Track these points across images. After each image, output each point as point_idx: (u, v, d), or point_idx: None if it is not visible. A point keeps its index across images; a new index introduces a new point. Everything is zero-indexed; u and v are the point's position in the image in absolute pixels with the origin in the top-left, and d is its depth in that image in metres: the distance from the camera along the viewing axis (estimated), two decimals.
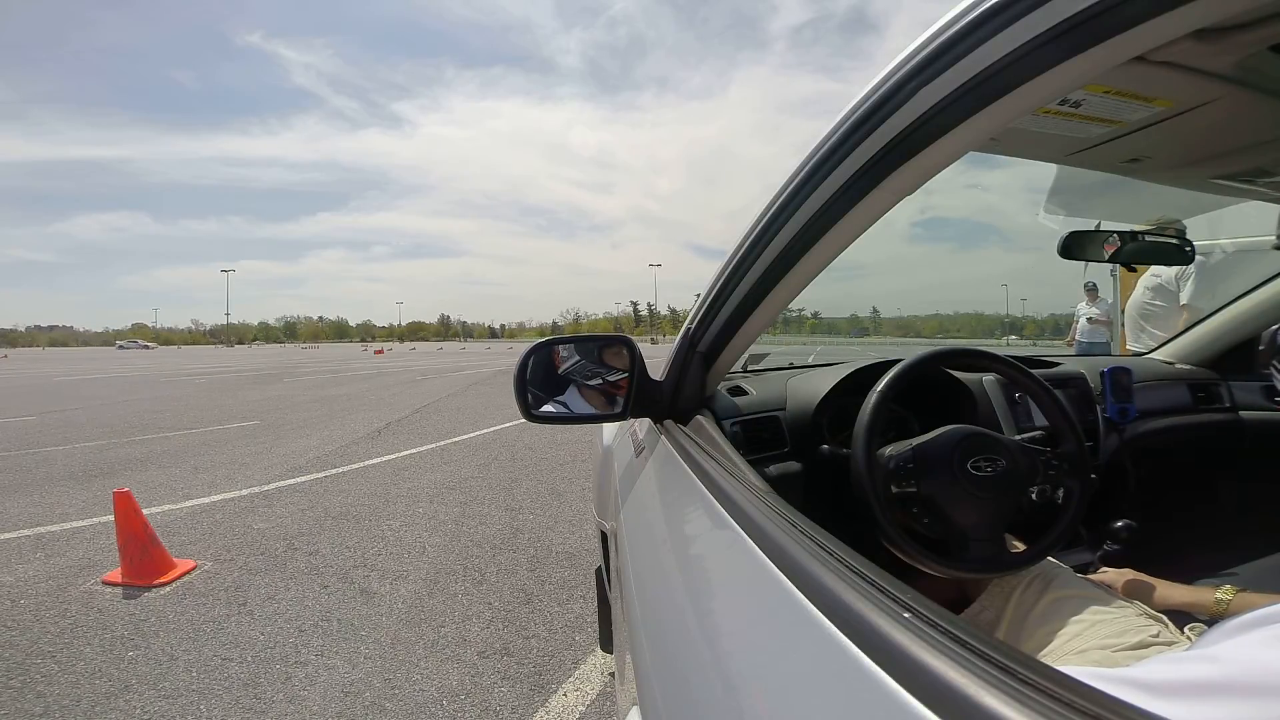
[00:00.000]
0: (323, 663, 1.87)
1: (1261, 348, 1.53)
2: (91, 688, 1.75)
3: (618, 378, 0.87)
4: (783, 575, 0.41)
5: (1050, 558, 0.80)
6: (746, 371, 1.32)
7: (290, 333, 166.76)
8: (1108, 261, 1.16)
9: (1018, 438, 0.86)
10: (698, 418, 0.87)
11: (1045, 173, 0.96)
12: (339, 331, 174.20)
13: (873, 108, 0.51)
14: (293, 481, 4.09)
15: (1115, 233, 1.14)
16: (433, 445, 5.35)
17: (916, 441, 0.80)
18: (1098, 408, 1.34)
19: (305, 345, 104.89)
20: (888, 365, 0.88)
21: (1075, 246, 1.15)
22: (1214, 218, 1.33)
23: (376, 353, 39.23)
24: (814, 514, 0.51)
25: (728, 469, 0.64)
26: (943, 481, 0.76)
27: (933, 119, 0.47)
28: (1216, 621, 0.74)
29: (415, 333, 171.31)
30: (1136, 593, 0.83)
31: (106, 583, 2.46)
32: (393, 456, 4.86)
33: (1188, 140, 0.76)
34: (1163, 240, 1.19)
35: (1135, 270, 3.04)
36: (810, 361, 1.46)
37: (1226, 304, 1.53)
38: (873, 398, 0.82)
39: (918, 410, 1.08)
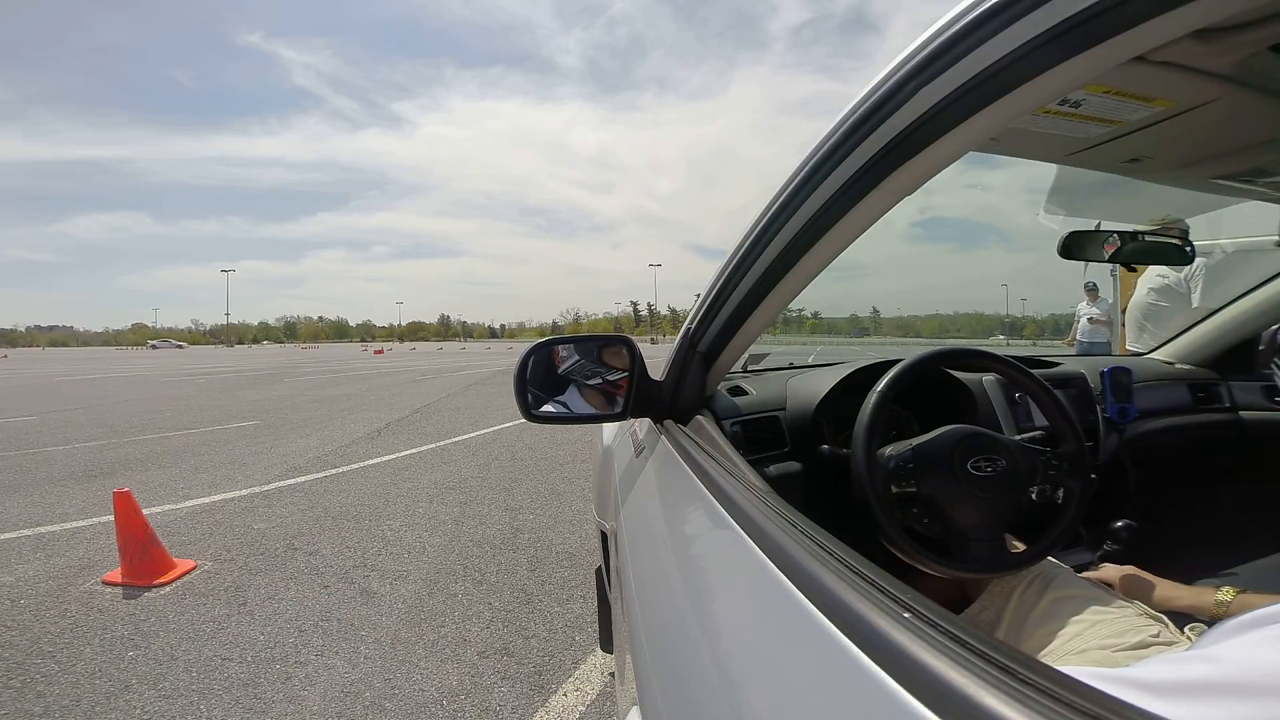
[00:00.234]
0: (323, 663, 1.87)
1: (1261, 348, 1.53)
2: (91, 688, 1.75)
3: (618, 378, 0.87)
4: (783, 575, 0.41)
5: (1050, 558, 0.80)
6: (746, 371, 1.32)
7: (290, 333, 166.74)
8: (1108, 261, 1.16)
9: (1018, 438, 0.86)
10: (698, 418, 0.87)
11: (1045, 173, 0.96)
12: (339, 331, 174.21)
13: (873, 108, 0.51)
14: (293, 481, 4.09)
15: (1115, 233, 1.14)
16: (433, 445, 5.34)
17: (916, 441, 0.80)
18: (1098, 408, 1.34)
19: (305, 345, 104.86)
20: (888, 365, 0.88)
21: (1075, 246, 1.15)
22: (1214, 218, 1.33)
23: (376, 353, 39.20)
24: (814, 514, 0.51)
25: (728, 469, 0.64)
26: (943, 481, 0.76)
27: (933, 119, 0.47)
28: (1217, 622, 0.74)
29: (415, 333, 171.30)
30: (1137, 590, 0.83)
31: (106, 583, 2.46)
32: (393, 456, 4.86)
33: (1188, 140, 0.76)
34: (1163, 240, 1.19)
35: (1135, 270, 3.03)
36: (810, 361, 1.46)
37: (1226, 304, 1.53)
38: (873, 398, 0.82)
39: (918, 410, 1.08)
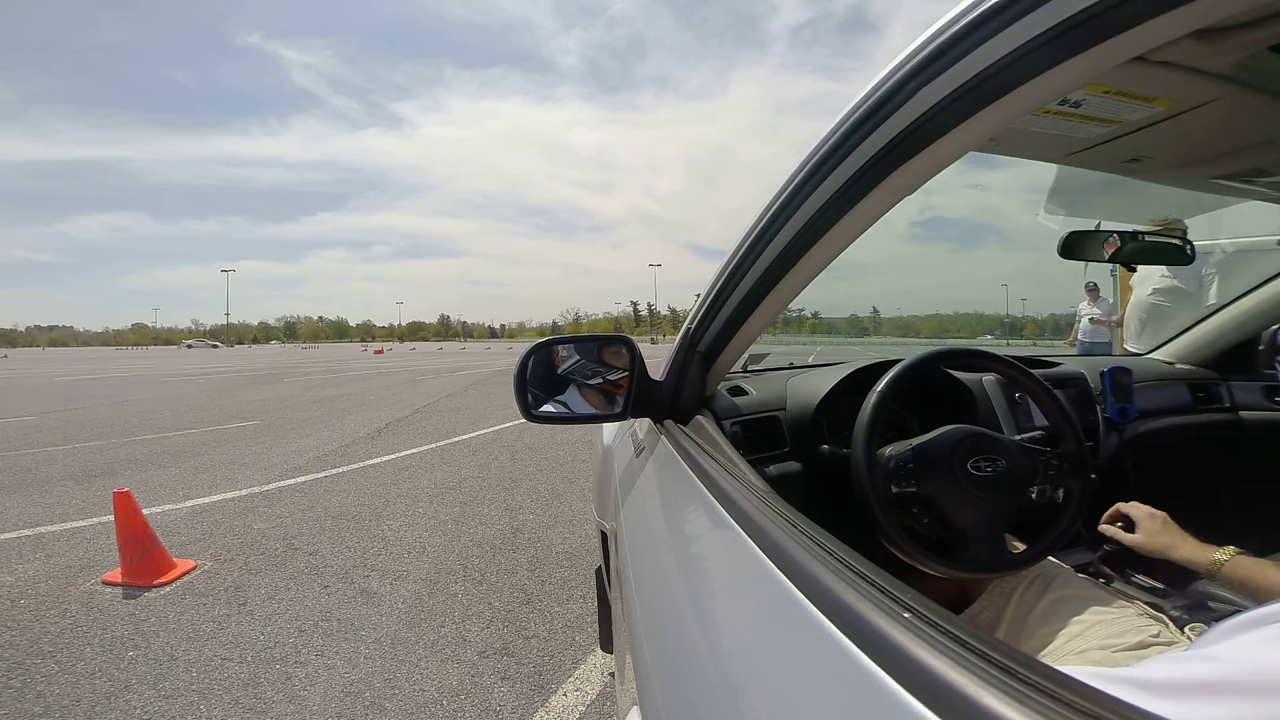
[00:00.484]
0: (323, 663, 1.87)
1: (1261, 348, 1.53)
2: (91, 688, 1.75)
3: (618, 378, 0.87)
4: (783, 575, 0.41)
5: (1050, 558, 0.80)
6: (746, 371, 1.32)
7: (290, 333, 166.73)
8: (1108, 261, 1.16)
9: (1018, 438, 0.86)
10: (698, 418, 0.87)
11: (1045, 173, 0.97)
12: (339, 331, 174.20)
13: (873, 108, 0.51)
14: (293, 481, 4.09)
15: (1115, 233, 1.14)
16: (433, 445, 5.34)
17: (916, 441, 0.80)
18: (1098, 408, 1.34)
19: (305, 345, 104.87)
20: (888, 365, 0.88)
21: (1075, 246, 1.15)
22: (1214, 218, 1.33)
23: (376, 353, 39.21)
24: (814, 514, 0.51)
25: (728, 469, 0.64)
26: (943, 481, 0.76)
27: (933, 119, 0.47)
28: (1212, 580, 0.74)
29: (415, 333, 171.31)
30: (1156, 533, 0.84)
31: (106, 583, 2.46)
32: (393, 456, 4.86)
33: (1188, 140, 0.76)
34: (1163, 240, 1.19)
35: (1135, 270, 3.02)
36: (810, 361, 1.46)
37: (1226, 304, 1.53)
38: (873, 398, 0.82)
39: (918, 410, 1.08)
